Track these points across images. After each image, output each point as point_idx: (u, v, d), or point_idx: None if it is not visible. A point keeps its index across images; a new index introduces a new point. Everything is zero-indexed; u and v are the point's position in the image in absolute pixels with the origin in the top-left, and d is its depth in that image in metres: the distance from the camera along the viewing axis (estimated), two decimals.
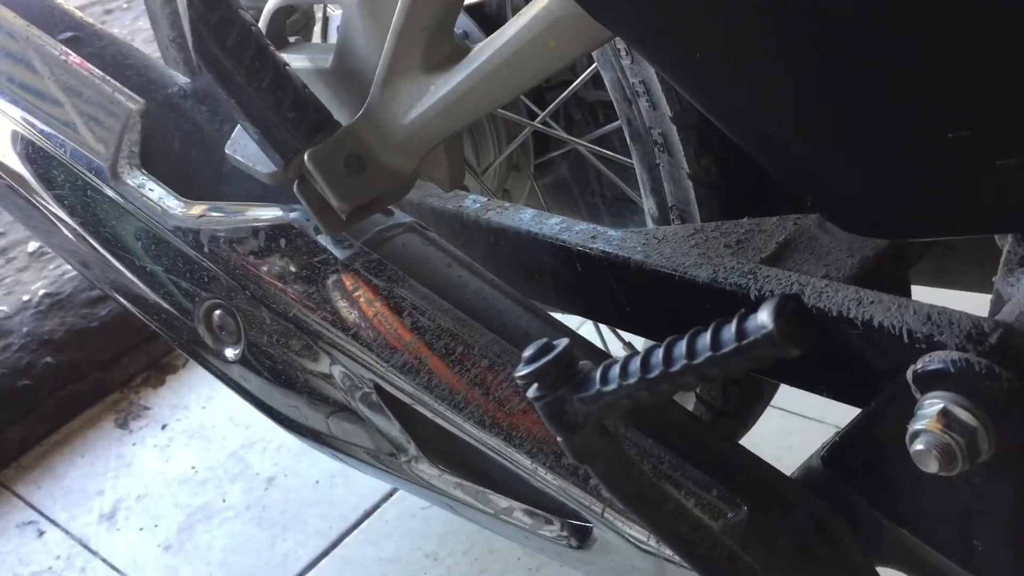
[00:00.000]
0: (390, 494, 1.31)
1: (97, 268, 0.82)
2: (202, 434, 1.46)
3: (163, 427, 1.49)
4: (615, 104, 0.80)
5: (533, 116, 0.97)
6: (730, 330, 0.39)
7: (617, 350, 1.06)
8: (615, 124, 0.86)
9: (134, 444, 1.46)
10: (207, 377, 1.55)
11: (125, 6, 2.97)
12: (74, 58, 0.81)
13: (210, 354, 0.77)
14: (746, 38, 0.47)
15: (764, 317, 0.37)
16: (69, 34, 0.84)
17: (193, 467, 1.41)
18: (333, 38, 0.89)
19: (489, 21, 0.97)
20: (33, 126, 0.79)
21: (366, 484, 1.32)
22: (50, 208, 0.81)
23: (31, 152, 0.79)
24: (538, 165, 1.06)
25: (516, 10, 0.95)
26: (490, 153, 0.99)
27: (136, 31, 2.77)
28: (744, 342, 0.38)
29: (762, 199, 0.77)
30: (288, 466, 1.38)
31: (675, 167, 0.77)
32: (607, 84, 0.79)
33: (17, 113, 0.81)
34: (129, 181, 0.75)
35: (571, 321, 0.80)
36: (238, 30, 0.65)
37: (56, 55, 0.80)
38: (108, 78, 0.79)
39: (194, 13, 0.64)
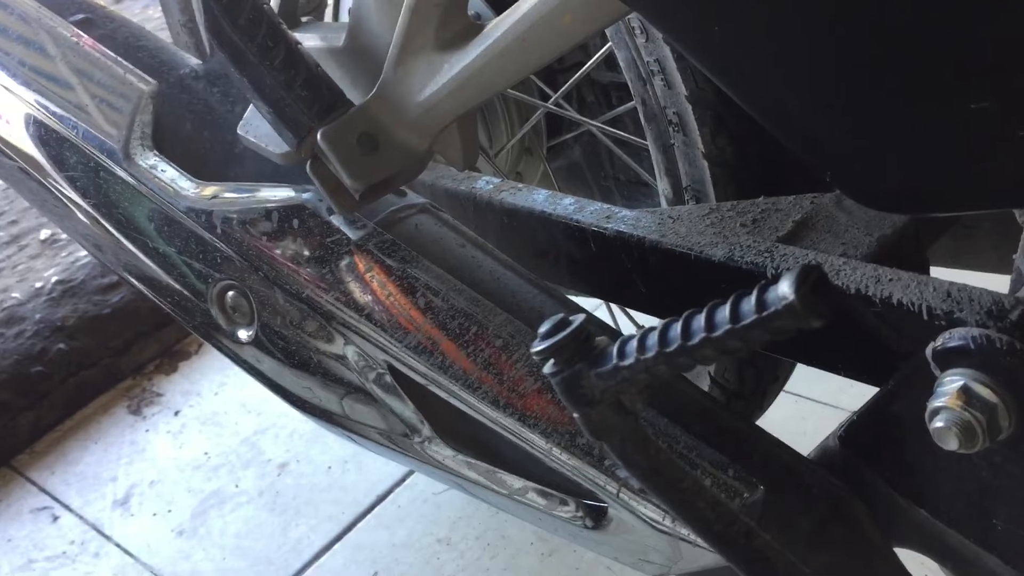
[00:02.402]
0: (402, 479, 1.31)
1: (110, 250, 0.82)
2: (214, 420, 1.47)
3: (176, 413, 1.49)
4: (629, 84, 0.79)
5: (546, 98, 0.96)
6: (750, 302, 0.38)
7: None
8: (629, 105, 0.85)
9: (147, 430, 1.47)
10: (219, 363, 1.56)
11: None
12: (86, 40, 0.80)
13: (223, 336, 0.77)
14: (765, 11, 0.47)
15: (785, 287, 0.37)
16: (81, 16, 0.84)
17: (206, 453, 1.41)
18: (345, 17, 0.88)
19: (499, 2, 0.96)
20: (46, 108, 0.79)
21: (378, 470, 1.32)
22: (63, 191, 0.81)
23: (44, 134, 0.79)
24: (551, 148, 1.05)
25: None
26: (503, 136, 0.98)
27: (146, 19, 2.77)
28: (765, 313, 0.37)
29: (778, 178, 0.77)
30: (300, 452, 1.38)
31: (690, 147, 0.76)
32: (621, 63, 0.78)
33: (30, 96, 0.81)
34: (141, 162, 0.75)
35: (586, 305, 0.80)
36: (250, 8, 0.64)
37: (68, 37, 0.80)
38: (120, 59, 0.78)
39: None
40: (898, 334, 0.57)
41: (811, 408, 1.28)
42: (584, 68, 0.89)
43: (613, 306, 1.05)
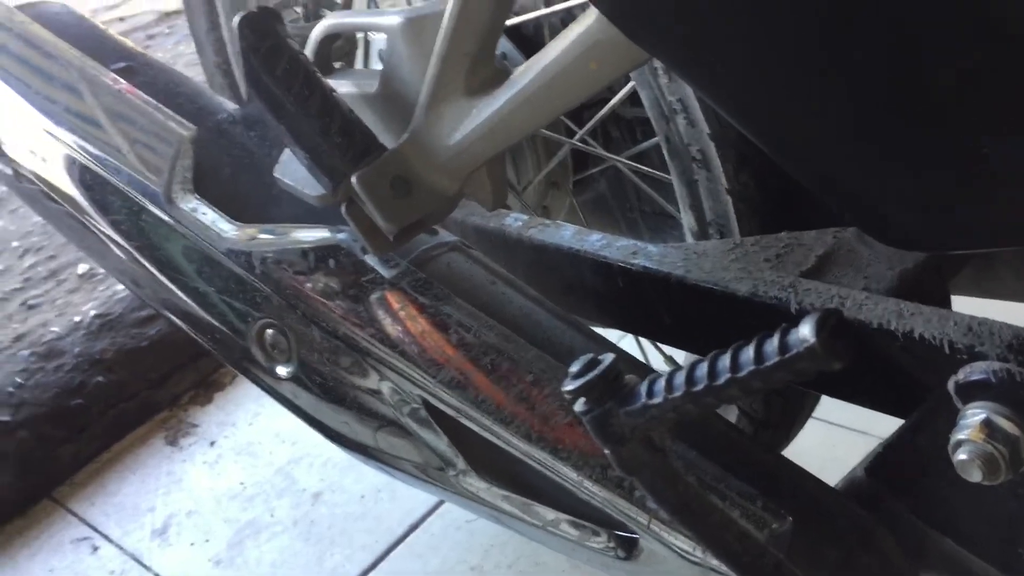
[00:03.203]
0: (435, 508, 1.32)
1: (151, 288, 0.85)
2: (249, 450, 1.49)
3: (211, 444, 1.52)
4: (653, 121, 0.81)
5: (571, 134, 0.98)
6: (773, 344, 0.40)
7: (658, 363, 1.07)
8: (653, 141, 0.87)
9: (184, 461, 1.49)
10: (253, 394, 1.59)
11: (167, 31, 3.04)
12: (128, 87, 0.84)
13: (262, 372, 0.79)
14: (785, 62, 0.49)
15: (806, 331, 0.39)
16: (122, 64, 0.87)
17: (241, 483, 1.43)
18: (374, 63, 0.91)
19: (527, 41, 0.99)
20: (90, 153, 0.82)
21: (411, 498, 1.33)
22: (106, 231, 0.84)
23: (88, 178, 0.82)
24: (577, 182, 1.08)
25: (553, 30, 0.97)
26: (530, 171, 1.01)
27: (178, 55, 2.83)
28: (787, 356, 0.39)
29: (800, 212, 0.78)
30: (334, 481, 1.40)
31: (713, 182, 0.78)
32: (645, 102, 0.80)
33: (74, 141, 0.84)
34: (183, 205, 0.78)
35: (612, 335, 0.82)
36: (287, 59, 0.67)
37: (111, 85, 0.83)
38: (161, 106, 0.81)
39: (245, 43, 0.67)
40: (921, 368, 0.58)
41: (841, 435, 1.29)
42: (608, 105, 0.91)
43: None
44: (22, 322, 1.68)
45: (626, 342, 1.09)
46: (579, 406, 0.48)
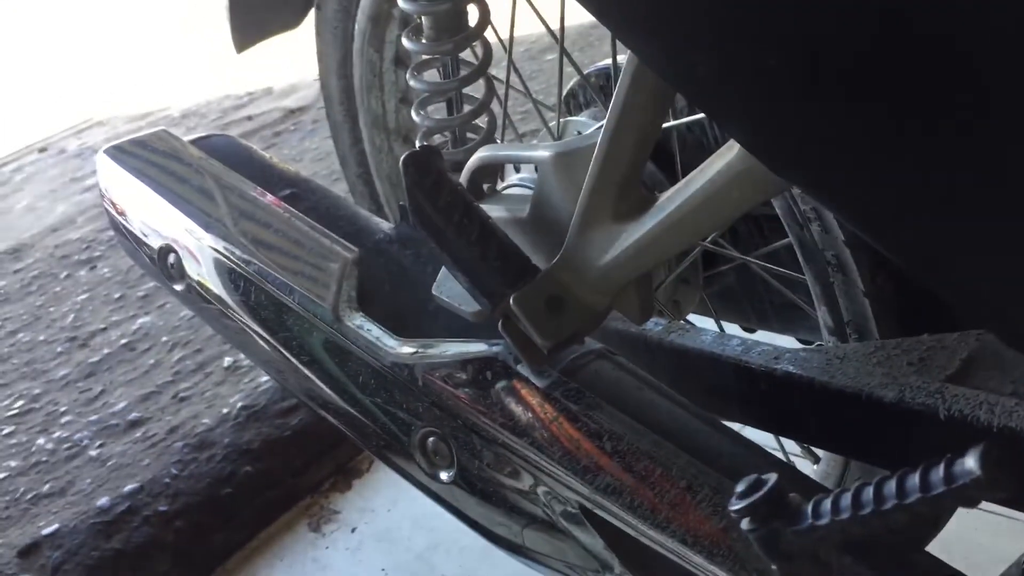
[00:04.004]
0: None
1: (317, 398, 0.92)
2: (389, 537, 1.55)
3: (353, 530, 1.58)
4: (786, 227, 0.85)
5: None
6: (938, 474, 0.43)
7: (792, 447, 1.09)
8: (785, 240, 0.90)
9: (327, 548, 1.56)
10: (391, 480, 1.65)
11: (292, 128, 3.22)
12: (295, 213, 0.92)
13: (424, 476, 0.84)
14: (926, 195, 0.52)
15: (972, 463, 0.41)
16: (288, 191, 0.96)
17: (383, 569, 1.49)
18: (509, 174, 0.97)
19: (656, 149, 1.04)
20: (264, 275, 0.90)
21: None
22: (277, 347, 0.92)
23: (263, 299, 0.90)
24: (706, 277, 1.11)
25: (681, 138, 1.02)
26: (661, 272, 1.05)
27: (303, 151, 3.00)
28: (953, 486, 0.42)
29: (941, 313, 0.80)
30: (472, 567, 1.44)
31: (850, 285, 0.81)
32: (778, 210, 0.84)
33: (249, 264, 0.92)
34: (349, 323, 0.84)
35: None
36: (447, 192, 0.74)
37: (280, 212, 0.91)
38: (325, 231, 0.89)
39: (409, 179, 0.74)
40: None
41: (985, 520, 1.26)
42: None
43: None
44: (174, 414, 1.80)
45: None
46: (745, 524, 0.51)
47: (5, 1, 5.62)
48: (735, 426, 0.80)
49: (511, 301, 0.72)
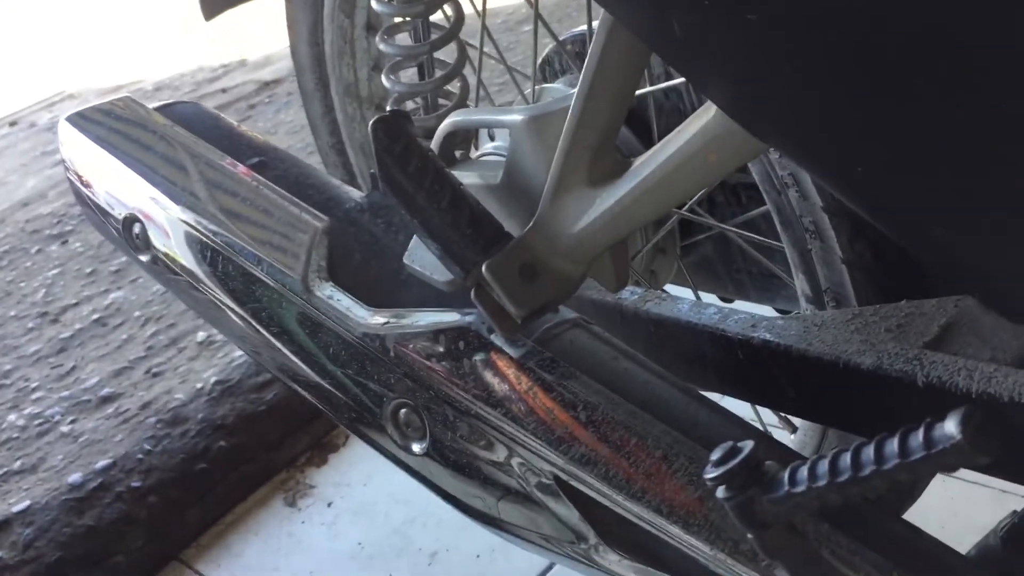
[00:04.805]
0: (549, 567, 1.34)
1: (288, 371, 0.90)
2: (365, 511, 1.54)
3: (328, 504, 1.57)
4: (764, 193, 0.83)
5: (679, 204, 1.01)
6: (918, 439, 0.42)
7: (770, 417, 1.08)
8: (762, 209, 0.89)
9: (303, 522, 1.55)
10: (367, 454, 1.63)
11: (267, 100, 3.17)
12: (263, 182, 0.89)
13: (396, 448, 0.83)
14: (908, 154, 0.51)
15: (952, 427, 0.40)
16: (256, 159, 0.93)
17: (359, 543, 1.48)
18: (484, 143, 0.95)
19: (632, 115, 1.02)
20: (232, 246, 0.88)
21: (525, 558, 1.35)
22: (246, 317, 0.90)
23: (231, 269, 0.88)
24: (684, 246, 1.10)
25: (657, 103, 1.00)
26: (638, 241, 1.04)
27: (278, 123, 2.96)
28: (932, 451, 0.41)
29: (919, 280, 0.79)
30: (449, 541, 1.43)
31: (828, 252, 0.80)
32: (755, 176, 0.82)
33: (216, 234, 0.90)
34: (319, 293, 0.82)
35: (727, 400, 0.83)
36: (418, 157, 0.72)
37: (248, 181, 0.89)
38: (294, 199, 0.87)
39: (378, 145, 0.72)
40: None
41: (960, 488, 1.27)
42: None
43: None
44: (147, 389, 1.77)
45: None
46: (721, 492, 0.50)
47: None
48: (714, 397, 0.79)
49: (483, 269, 0.70)
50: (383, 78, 1.01)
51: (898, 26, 0.43)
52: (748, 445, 0.50)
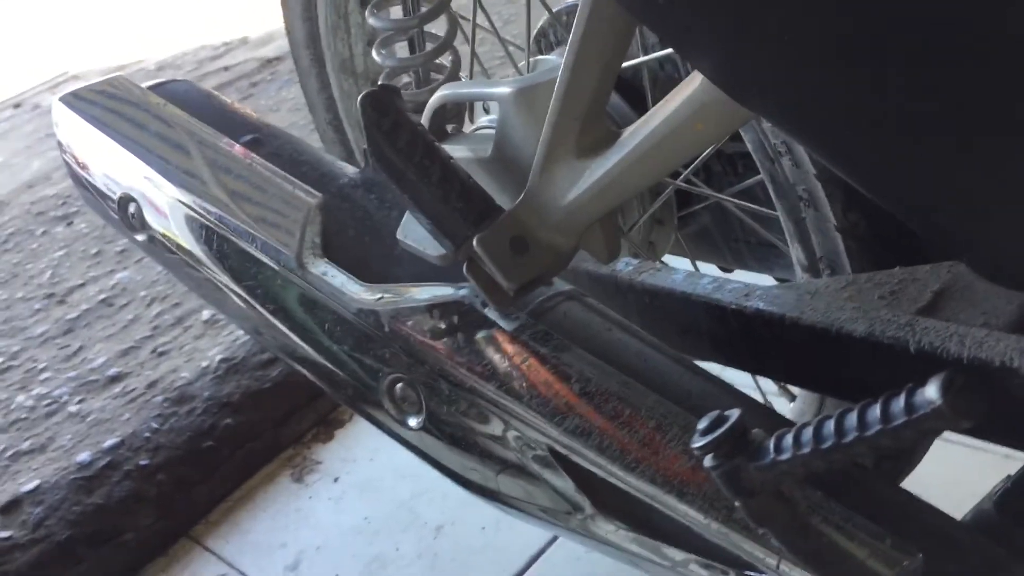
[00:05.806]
0: (554, 539, 1.35)
1: (285, 349, 0.90)
2: (371, 486, 1.55)
3: (335, 480, 1.58)
4: (757, 162, 0.83)
5: (675, 174, 1.00)
6: (899, 404, 0.42)
7: (769, 386, 1.08)
8: (757, 177, 0.88)
9: (310, 497, 1.56)
10: (372, 430, 1.64)
11: (269, 78, 3.16)
12: (256, 159, 0.89)
13: (393, 422, 0.83)
14: (887, 119, 0.50)
15: (932, 392, 0.40)
16: (250, 137, 0.93)
17: (366, 518, 1.49)
18: (480, 116, 0.95)
19: (625, 85, 1.02)
20: (226, 223, 0.88)
21: (530, 530, 1.36)
22: (241, 294, 0.90)
23: (225, 247, 0.88)
24: (681, 217, 1.09)
25: (651, 74, 0.99)
26: (635, 212, 1.03)
27: (281, 101, 2.95)
28: (914, 416, 0.41)
29: (913, 247, 0.79)
30: (455, 514, 1.44)
31: (822, 221, 0.79)
32: (748, 144, 0.82)
33: (211, 212, 0.90)
34: (313, 270, 0.83)
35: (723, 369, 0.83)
36: (407, 132, 0.71)
37: (242, 159, 0.89)
38: (288, 176, 0.87)
39: (367, 120, 0.72)
40: None
41: (957, 452, 1.26)
42: (712, 147, 0.93)
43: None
44: (154, 368, 1.78)
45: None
46: (708, 461, 0.50)
47: None
48: (714, 367, 0.79)
49: (475, 242, 0.70)
50: (374, 53, 1.00)
51: None
52: (734, 414, 0.50)
